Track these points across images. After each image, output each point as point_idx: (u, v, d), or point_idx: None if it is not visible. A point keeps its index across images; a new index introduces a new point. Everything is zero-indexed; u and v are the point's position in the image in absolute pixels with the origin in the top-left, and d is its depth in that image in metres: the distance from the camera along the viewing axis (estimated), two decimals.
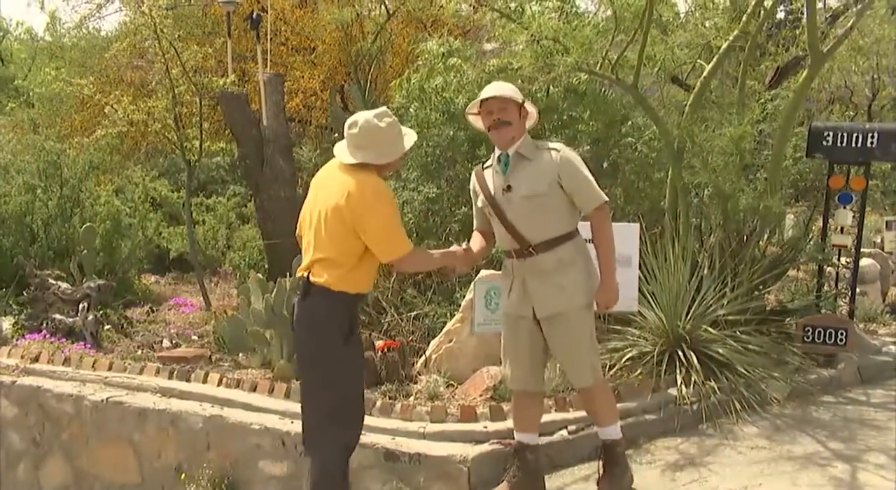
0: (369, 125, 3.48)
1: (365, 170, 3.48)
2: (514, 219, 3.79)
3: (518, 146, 3.79)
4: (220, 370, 5.61)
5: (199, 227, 9.57)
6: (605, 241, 3.75)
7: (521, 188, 3.75)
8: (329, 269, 3.49)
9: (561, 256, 3.74)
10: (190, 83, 7.47)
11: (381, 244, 3.45)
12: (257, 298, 5.84)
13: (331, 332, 3.47)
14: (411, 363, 5.42)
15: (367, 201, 3.39)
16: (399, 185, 6.62)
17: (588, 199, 3.72)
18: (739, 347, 5.20)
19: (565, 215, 3.76)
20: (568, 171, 3.71)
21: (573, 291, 3.74)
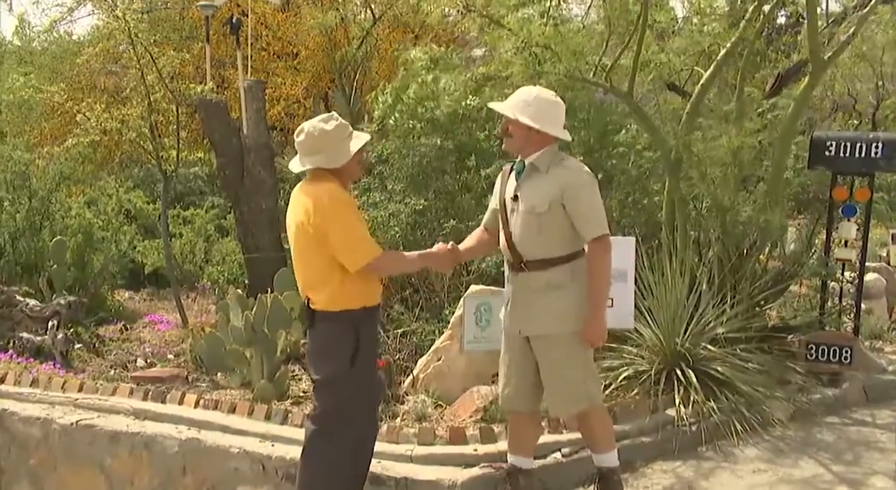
0: (314, 129, 3.53)
1: (323, 181, 3.51)
2: (514, 230, 3.82)
3: (535, 158, 3.80)
4: (198, 391, 5.59)
5: (175, 241, 9.54)
6: (597, 275, 3.73)
7: (525, 201, 3.78)
8: (318, 291, 3.52)
9: (550, 278, 3.75)
10: (166, 90, 7.48)
11: (345, 253, 3.46)
12: (237, 315, 5.83)
13: (337, 356, 3.49)
14: (398, 383, 5.42)
15: (323, 210, 3.42)
16: (385, 197, 6.64)
17: (587, 227, 3.70)
18: (740, 366, 5.24)
19: (566, 237, 3.75)
20: (574, 192, 3.70)
21: (560, 316, 3.75)
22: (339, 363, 3.49)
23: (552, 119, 3.81)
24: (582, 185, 3.72)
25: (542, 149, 3.80)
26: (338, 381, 3.51)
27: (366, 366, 3.58)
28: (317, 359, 3.59)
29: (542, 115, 3.77)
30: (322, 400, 3.62)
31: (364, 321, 3.55)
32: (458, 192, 6.67)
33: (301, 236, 3.49)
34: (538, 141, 3.79)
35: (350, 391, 3.52)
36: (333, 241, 3.42)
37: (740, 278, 5.84)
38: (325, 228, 3.41)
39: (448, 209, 6.65)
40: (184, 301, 7.85)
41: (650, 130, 6.17)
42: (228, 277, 8.82)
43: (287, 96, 12.09)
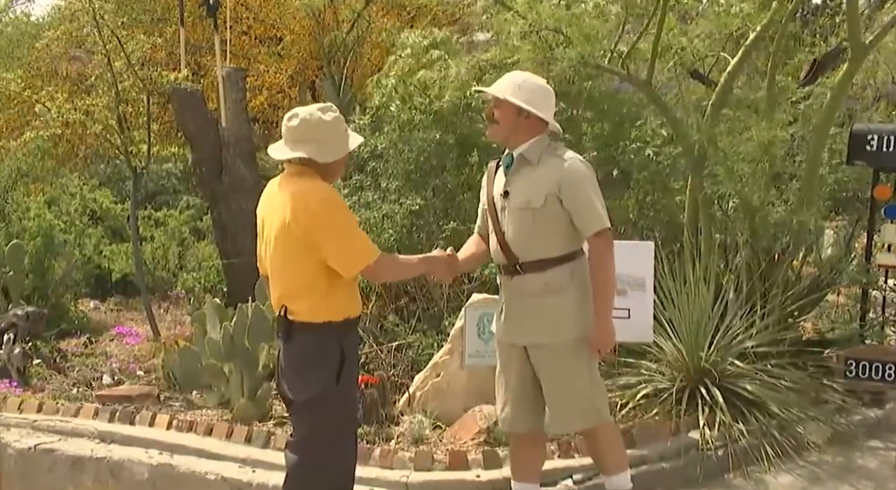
0: (312, 117, 3.52)
1: (307, 177, 3.50)
2: (507, 230, 3.83)
3: (525, 148, 3.82)
4: (170, 411, 5.61)
5: (146, 245, 9.56)
6: (601, 273, 3.74)
7: (517, 197, 3.80)
8: (301, 300, 3.50)
9: (549, 280, 3.76)
10: (136, 78, 7.50)
11: (340, 257, 3.45)
12: (214, 327, 5.85)
13: (320, 372, 3.49)
14: (392, 401, 5.44)
15: (314, 210, 3.40)
16: (378, 196, 6.66)
17: (586, 221, 3.72)
18: (771, 383, 5.26)
19: (564, 234, 3.76)
20: (570, 184, 3.71)
21: (559, 322, 3.76)
22: (323, 380, 3.48)
23: (544, 104, 3.83)
24: (579, 177, 3.73)
25: (532, 138, 3.82)
26: (322, 401, 3.50)
27: (350, 382, 3.59)
28: (296, 377, 3.56)
29: (533, 98, 3.80)
30: (304, 424, 3.60)
31: (347, 333, 3.55)
32: (459, 191, 6.70)
33: (284, 239, 3.47)
34: (528, 128, 3.81)
35: (336, 411, 3.52)
36: (326, 245, 3.41)
37: (771, 286, 5.86)
38: (315, 231, 3.40)
39: (448, 210, 6.66)
40: (155, 311, 7.87)
41: (671, 123, 6.20)
42: (205, 285, 8.83)
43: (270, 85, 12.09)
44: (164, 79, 7.61)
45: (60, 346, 7.07)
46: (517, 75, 3.92)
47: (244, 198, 7.89)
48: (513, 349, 3.91)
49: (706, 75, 7.39)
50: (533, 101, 3.79)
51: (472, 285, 6.10)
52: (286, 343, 3.57)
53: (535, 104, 3.79)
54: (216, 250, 8.58)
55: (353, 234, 3.49)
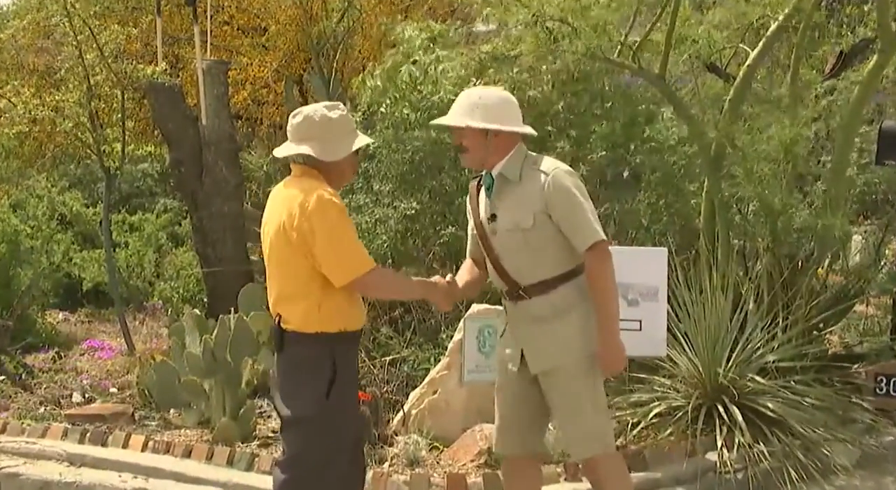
0: (316, 114, 3.60)
1: (310, 179, 3.56)
2: (501, 255, 3.84)
3: (502, 166, 3.80)
4: (146, 431, 5.61)
5: (120, 251, 9.57)
6: (601, 291, 3.73)
7: (505, 219, 3.79)
8: (292, 307, 3.54)
9: (556, 301, 3.77)
10: (109, 71, 7.52)
11: (331, 263, 3.48)
12: (194, 340, 5.86)
13: (309, 387, 3.50)
14: (386, 420, 5.44)
15: (309, 213, 3.45)
16: (370, 199, 6.68)
17: (579, 236, 3.71)
18: (795, 401, 5.26)
19: (563, 250, 3.76)
20: (557, 200, 3.70)
21: (569, 341, 3.77)
22: (311, 396, 3.50)
23: (507, 116, 3.81)
24: (564, 189, 3.72)
25: (507, 153, 3.80)
26: (310, 418, 3.52)
27: (344, 400, 3.59)
28: (285, 390, 3.59)
29: (494, 114, 3.77)
30: (292, 441, 3.62)
31: (341, 347, 3.56)
32: (457, 194, 6.71)
33: (279, 242, 3.53)
34: (499, 145, 3.79)
35: (324, 430, 3.53)
36: (318, 249, 3.45)
37: (794, 296, 5.88)
38: (309, 234, 3.45)
39: (445, 214, 6.68)
40: (130, 323, 7.87)
41: (686, 120, 6.22)
42: (184, 295, 8.84)
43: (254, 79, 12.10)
44: (139, 72, 7.63)
45: (26, 362, 7.08)
46: (470, 95, 3.89)
47: (226, 201, 7.91)
48: (517, 375, 3.91)
49: (724, 69, 7.41)
50: (495, 117, 3.77)
51: None
52: (279, 353, 3.61)
53: (499, 119, 3.77)
54: (196, 257, 8.58)
55: (347, 242, 3.51)
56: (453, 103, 3.90)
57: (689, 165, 6.59)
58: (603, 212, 6.29)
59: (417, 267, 6.58)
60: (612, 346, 3.74)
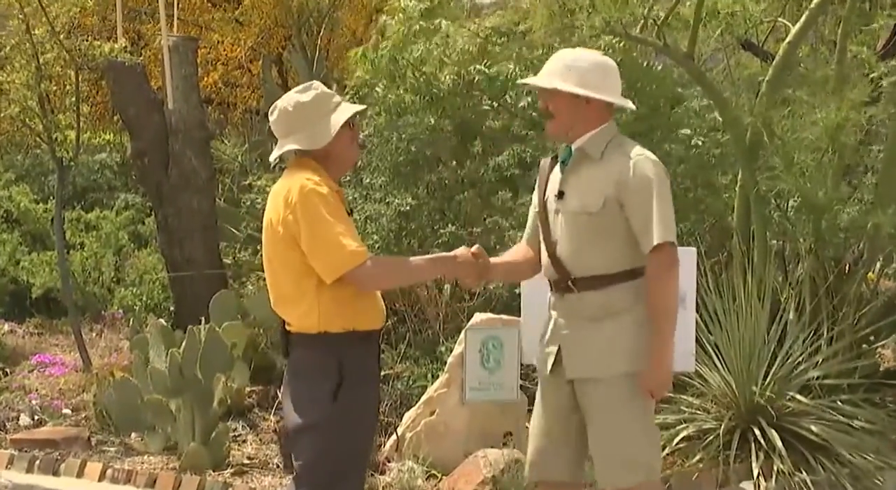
0: (290, 104, 3.65)
1: (303, 169, 3.63)
2: (559, 238, 3.84)
3: (585, 140, 3.81)
4: (104, 458, 5.62)
5: (74, 253, 9.57)
6: (658, 297, 3.70)
7: (573, 199, 3.80)
8: (291, 308, 3.64)
9: (608, 302, 3.75)
10: (61, 49, 7.53)
11: (318, 257, 3.52)
12: (159, 354, 5.87)
13: (315, 392, 3.55)
14: (377, 445, 5.45)
15: (293, 205, 3.51)
16: (360, 194, 6.70)
17: (646, 233, 3.68)
18: (842, 424, 5.28)
19: (627, 245, 3.75)
20: (633, 188, 3.70)
21: (613, 351, 3.75)
22: (317, 402, 3.55)
23: (605, 84, 3.81)
24: (644, 178, 3.71)
25: (597, 127, 3.81)
26: (316, 426, 3.56)
27: (356, 406, 3.62)
28: (293, 397, 3.65)
29: (589, 79, 3.78)
30: (302, 451, 3.65)
31: (350, 349, 3.59)
32: (458, 189, 6.74)
33: (271, 237, 3.63)
34: (591, 115, 3.80)
35: (334, 439, 3.56)
36: (306, 243, 3.52)
37: (841, 304, 5.89)
38: (294, 227, 3.52)
39: (444, 210, 6.70)
40: (86, 335, 7.87)
41: (717, 104, 6.23)
42: (147, 303, 8.85)
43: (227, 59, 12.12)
44: (96, 50, 7.62)
45: None
46: (565, 54, 3.90)
47: (196, 196, 7.92)
48: (553, 381, 3.92)
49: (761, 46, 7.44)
50: (590, 82, 3.77)
51: (473, 303, 6.13)
52: (287, 358, 3.71)
53: (594, 85, 3.77)
54: (161, 260, 8.59)
55: (332, 232, 3.54)
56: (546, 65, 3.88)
57: (721, 156, 6.61)
58: None
59: None
60: (659, 364, 3.70)
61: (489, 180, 6.66)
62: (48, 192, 10.37)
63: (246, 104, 12.48)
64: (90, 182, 11.44)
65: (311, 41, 11.42)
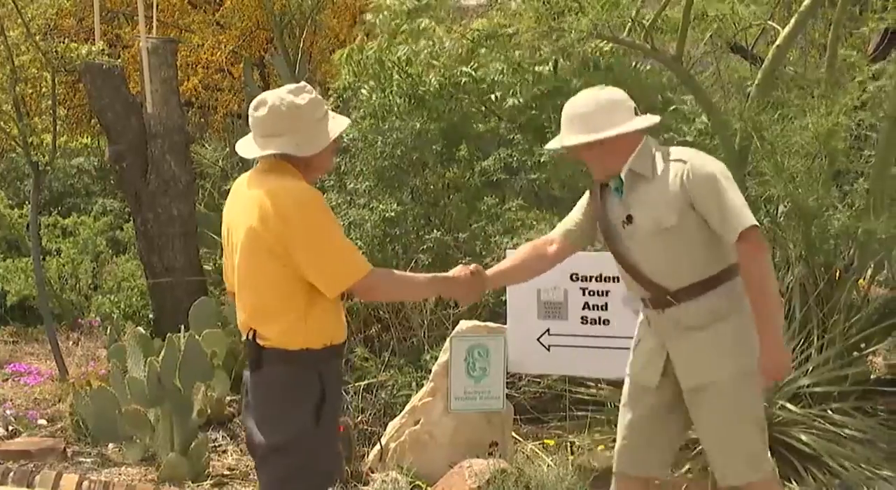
0: (282, 103, 3.54)
1: (284, 174, 3.53)
2: (641, 260, 3.90)
3: (631, 164, 3.88)
4: (80, 469, 5.60)
5: (51, 260, 9.55)
6: (756, 284, 3.77)
7: (645, 220, 3.85)
8: (272, 322, 3.52)
9: (715, 306, 3.84)
10: (37, 51, 7.51)
11: (322, 271, 3.47)
12: (137, 363, 5.85)
13: (296, 409, 3.51)
14: (360, 455, 5.45)
15: (288, 215, 3.42)
16: (343, 199, 6.69)
17: (726, 225, 3.74)
18: (832, 433, 5.29)
19: (712, 250, 3.84)
20: (698, 188, 3.77)
21: (724, 353, 3.84)
22: (296, 421, 3.51)
23: (609, 119, 3.86)
24: (703, 174, 3.79)
25: (630, 153, 3.88)
26: (297, 446, 3.53)
27: (332, 424, 3.61)
28: (266, 415, 3.57)
29: (593, 122, 3.85)
30: (271, 474, 3.62)
31: (327, 363, 3.57)
32: (443, 193, 6.74)
33: (252, 248, 3.49)
34: (615, 150, 3.88)
35: (312, 459, 3.54)
36: (305, 257, 3.44)
37: (831, 311, 5.90)
38: (290, 240, 3.42)
39: (430, 216, 6.70)
40: (63, 344, 7.85)
41: (706, 108, 6.25)
42: (126, 310, 8.83)
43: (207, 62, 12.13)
44: (73, 52, 7.61)
45: None
46: (566, 107, 3.97)
47: (175, 201, 7.92)
48: (645, 392, 4.01)
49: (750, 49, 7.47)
50: (596, 125, 3.84)
51: (458, 310, 6.13)
52: (255, 373, 3.58)
53: (600, 125, 3.84)
54: (140, 267, 8.57)
55: (338, 244, 3.51)
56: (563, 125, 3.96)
57: None
58: None
59: None
60: (773, 349, 3.78)
61: (475, 185, 6.67)
62: (24, 197, 10.34)
63: (227, 108, 12.48)
64: (67, 187, 11.41)
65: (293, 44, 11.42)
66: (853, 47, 7.41)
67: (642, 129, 3.91)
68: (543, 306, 5.22)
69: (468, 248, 6.38)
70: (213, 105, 12.62)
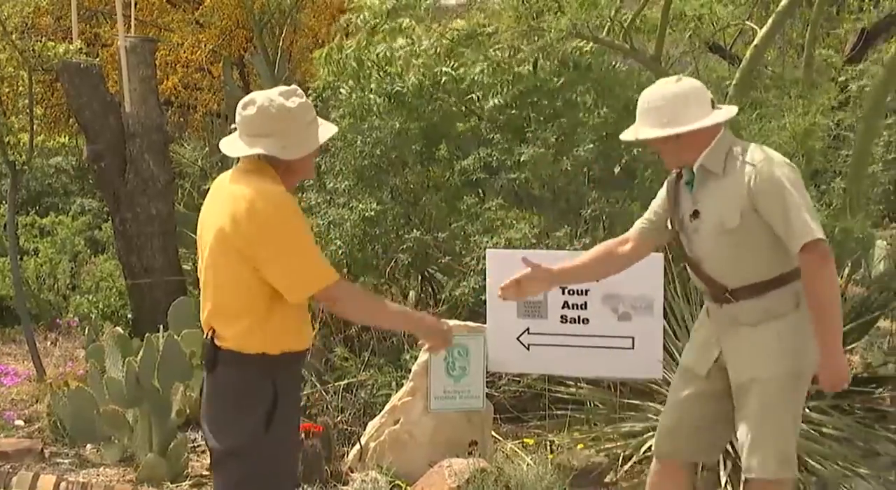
0: (272, 105, 3.52)
1: (263, 176, 3.52)
2: (702, 256, 3.94)
3: (703, 159, 3.90)
4: (58, 470, 5.57)
5: (28, 260, 9.51)
6: (816, 295, 3.78)
7: (710, 218, 3.89)
8: (231, 324, 3.50)
9: (770, 307, 3.87)
10: (14, 49, 7.48)
11: (285, 276, 3.45)
12: (115, 363, 5.83)
13: (247, 414, 3.49)
14: (340, 455, 5.45)
15: (260, 218, 3.40)
16: (323, 199, 6.68)
17: (791, 235, 3.75)
18: (808, 431, 5.31)
19: (774, 253, 3.85)
20: (764, 194, 3.77)
21: (778, 352, 3.87)
22: (247, 426, 3.49)
23: (685, 112, 3.86)
24: (771, 180, 3.78)
25: (704, 148, 3.90)
26: (248, 451, 3.51)
27: (285, 432, 3.59)
28: (217, 418, 3.57)
29: (668, 115, 3.86)
30: (226, 475, 3.62)
31: (284, 370, 3.55)
32: (423, 192, 6.74)
33: (220, 247, 3.48)
34: (690, 143, 3.89)
35: (262, 466, 3.53)
36: (271, 260, 3.42)
37: None
38: (259, 243, 3.41)
39: (410, 215, 6.70)
40: (40, 344, 7.81)
41: None
42: (104, 311, 8.79)
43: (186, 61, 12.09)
44: (50, 51, 7.58)
45: None
46: (641, 99, 3.99)
47: (154, 201, 7.89)
48: (694, 378, 4.08)
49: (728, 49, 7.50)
50: (670, 118, 3.85)
51: (439, 309, 6.14)
52: (209, 374, 3.58)
53: (675, 118, 3.84)
54: (118, 267, 8.54)
55: (307, 250, 3.49)
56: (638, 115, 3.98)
57: None
58: (591, 213, 6.36)
59: (377, 277, 6.60)
60: (833, 359, 3.79)
61: (455, 184, 6.67)
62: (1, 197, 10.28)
63: (206, 107, 12.44)
64: (45, 186, 11.37)
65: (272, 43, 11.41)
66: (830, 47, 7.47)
67: (720, 122, 3.91)
68: (523, 305, 5.22)
69: (448, 248, 6.39)
70: (192, 104, 12.58)
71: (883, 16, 7.61)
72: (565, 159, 6.41)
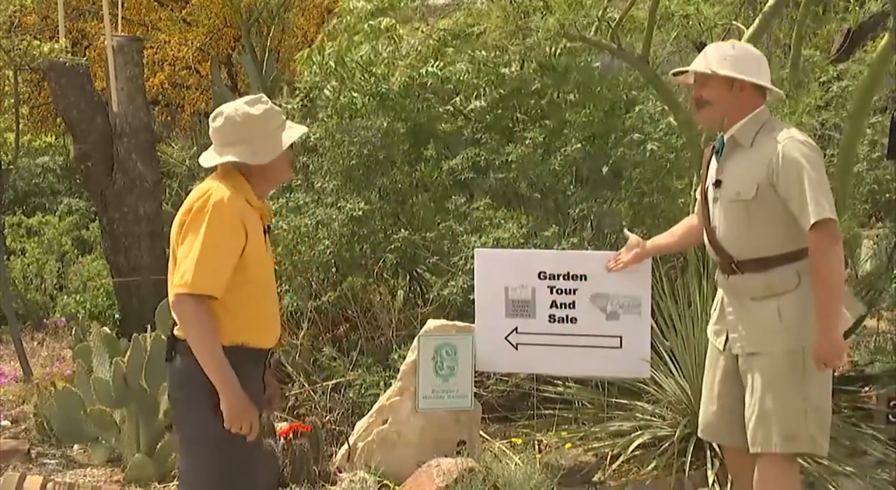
0: (237, 113, 3.64)
1: (230, 179, 3.62)
2: (718, 225, 4.10)
3: (736, 129, 4.05)
4: (45, 471, 5.56)
5: (15, 260, 9.48)
6: (821, 273, 3.88)
7: (729, 187, 4.03)
8: None
9: (772, 282, 3.98)
10: None
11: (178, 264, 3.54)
12: (102, 363, 5.82)
13: (195, 404, 3.53)
14: (328, 455, 5.44)
15: (194, 212, 3.53)
16: (311, 198, 6.67)
17: (804, 212, 3.87)
18: None
19: (786, 229, 3.96)
20: (784, 170, 3.90)
21: (780, 328, 3.97)
22: (197, 414, 3.53)
23: (759, 71, 4.05)
24: (792, 159, 3.90)
25: (748, 113, 4.03)
26: (199, 438, 3.55)
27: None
28: (176, 406, 3.69)
29: (745, 66, 4.01)
30: (183, 463, 3.71)
31: (238, 366, 3.53)
32: (411, 192, 6.74)
33: (175, 238, 3.63)
34: (742, 102, 4.03)
35: (217, 453, 3.55)
36: (181, 247, 3.54)
37: None
38: (183, 230, 3.55)
39: (398, 215, 6.70)
40: (27, 344, 7.80)
41: (672, 108, 6.28)
42: (92, 310, 8.77)
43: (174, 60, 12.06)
44: (36, 50, 7.56)
45: None
46: (720, 45, 4.16)
47: (141, 201, 7.88)
48: (725, 354, 4.16)
49: None
50: (746, 69, 4.01)
51: (427, 309, 6.14)
52: (168, 364, 3.65)
53: (749, 71, 4.01)
54: (106, 266, 8.52)
55: (208, 254, 3.48)
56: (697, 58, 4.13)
57: (676, 160, 6.66)
58: (578, 213, 6.37)
59: (365, 277, 6.59)
60: (827, 338, 3.89)
61: (443, 184, 6.68)
62: None
63: (194, 106, 12.42)
64: (32, 186, 11.35)
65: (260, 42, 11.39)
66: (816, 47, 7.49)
67: (774, 95, 4.13)
68: (511, 305, 5.23)
69: (436, 247, 6.39)
70: (180, 103, 12.56)
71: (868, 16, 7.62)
72: (553, 159, 6.43)
